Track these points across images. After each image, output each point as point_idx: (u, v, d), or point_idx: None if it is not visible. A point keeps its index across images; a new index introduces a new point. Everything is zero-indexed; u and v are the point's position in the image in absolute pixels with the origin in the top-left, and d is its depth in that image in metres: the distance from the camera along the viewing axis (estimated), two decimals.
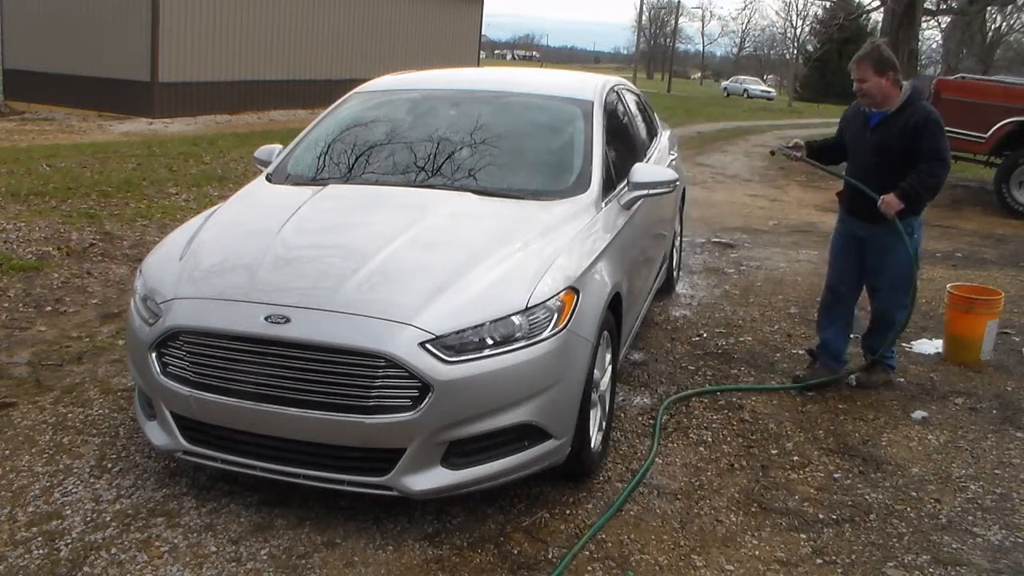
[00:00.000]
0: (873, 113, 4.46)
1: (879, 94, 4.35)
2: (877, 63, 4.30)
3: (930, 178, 4.29)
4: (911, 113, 4.33)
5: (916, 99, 4.39)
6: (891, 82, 4.33)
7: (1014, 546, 3.31)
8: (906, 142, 4.32)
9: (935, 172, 4.29)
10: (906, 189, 4.29)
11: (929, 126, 4.29)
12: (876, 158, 4.44)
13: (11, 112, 16.91)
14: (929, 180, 4.29)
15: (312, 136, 4.63)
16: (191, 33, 18.01)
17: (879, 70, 4.30)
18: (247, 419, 3.09)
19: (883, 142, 4.41)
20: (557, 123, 4.49)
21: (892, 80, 4.33)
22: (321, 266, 3.41)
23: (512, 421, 3.08)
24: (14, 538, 3.05)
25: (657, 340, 5.45)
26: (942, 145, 4.29)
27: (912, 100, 4.37)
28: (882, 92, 4.34)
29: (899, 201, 4.30)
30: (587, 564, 3.04)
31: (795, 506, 3.52)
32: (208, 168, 11.04)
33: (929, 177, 4.29)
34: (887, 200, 4.32)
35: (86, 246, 6.79)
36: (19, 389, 4.26)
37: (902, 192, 4.29)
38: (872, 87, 4.34)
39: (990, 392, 4.86)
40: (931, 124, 4.29)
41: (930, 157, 4.27)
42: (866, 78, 4.33)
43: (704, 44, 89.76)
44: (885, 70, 4.31)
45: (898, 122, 4.35)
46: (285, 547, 3.06)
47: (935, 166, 4.28)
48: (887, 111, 4.38)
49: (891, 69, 4.31)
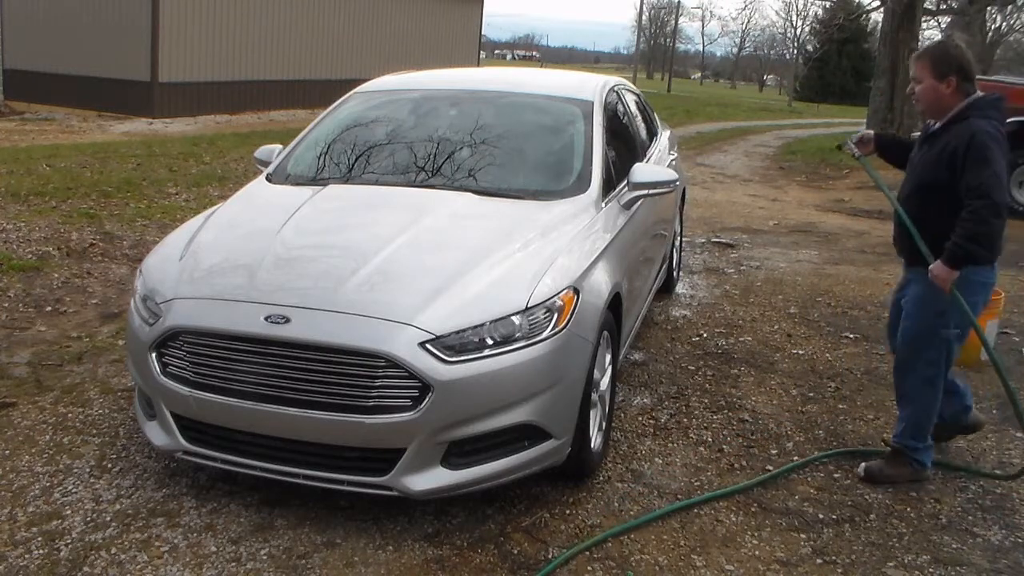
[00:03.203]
0: (930, 124, 3.57)
1: (930, 102, 3.47)
2: (936, 62, 3.42)
3: (975, 225, 3.24)
4: (954, 132, 3.36)
5: (970, 114, 3.36)
6: (954, 90, 3.40)
7: (1014, 546, 3.31)
8: (940, 170, 3.37)
9: (979, 217, 3.23)
10: (952, 251, 3.31)
11: (972, 151, 3.26)
12: (912, 184, 3.58)
13: (11, 112, 16.89)
14: (974, 228, 3.25)
15: (312, 136, 4.63)
16: (191, 33, 18.00)
17: (938, 72, 3.40)
18: (247, 419, 3.09)
19: (920, 165, 3.55)
20: (557, 123, 4.49)
21: (955, 88, 3.39)
22: (321, 266, 3.42)
23: (512, 421, 3.08)
24: (14, 538, 3.05)
25: (657, 340, 5.45)
26: (987, 178, 3.22)
27: (964, 115, 3.37)
28: (937, 100, 3.44)
29: (948, 270, 3.33)
30: (587, 564, 3.04)
31: (795, 506, 3.52)
32: (208, 168, 11.04)
33: (974, 224, 3.24)
34: (936, 273, 3.38)
35: (86, 246, 6.79)
36: (19, 389, 4.26)
37: (949, 256, 3.32)
38: (925, 91, 3.46)
39: (990, 392, 4.85)
40: (974, 149, 3.26)
41: (973, 193, 3.24)
42: (921, 78, 3.46)
43: (704, 44, 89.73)
44: (946, 73, 3.39)
45: (939, 142, 3.43)
46: (285, 547, 3.06)
47: (980, 208, 3.23)
48: (936, 125, 3.50)
49: (955, 73, 3.38)
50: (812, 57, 45.04)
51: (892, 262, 8.17)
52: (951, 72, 3.39)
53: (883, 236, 9.51)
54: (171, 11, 17.49)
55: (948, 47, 3.46)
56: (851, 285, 7.05)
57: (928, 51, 3.50)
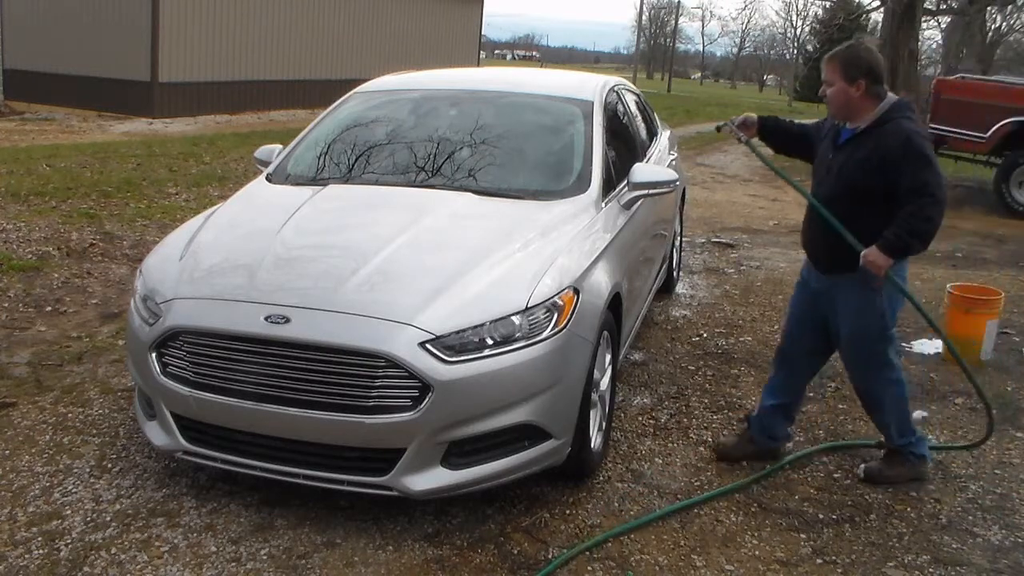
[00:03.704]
0: (844, 128, 3.56)
1: (840, 104, 3.46)
2: (845, 66, 3.41)
3: (920, 222, 3.28)
4: (882, 135, 3.37)
5: (895, 116, 3.40)
6: (862, 93, 3.41)
7: (1014, 546, 3.31)
8: (873, 174, 3.37)
9: (925, 213, 3.27)
10: (892, 241, 3.32)
11: (909, 154, 3.29)
12: (837, 188, 3.50)
13: (11, 112, 16.87)
14: (920, 225, 3.29)
15: (312, 136, 4.63)
16: (191, 33, 17.99)
17: (848, 75, 3.40)
18: (247, 419, 3.09)
19: (845, 168, 3.47)
20: (557, 123, 4.49)
21: (864, 91, 3.40)
22: (321, 266, 3.42)
23: (512, 421, 3.08)
24: (14, 538, 3.05)
25: (657, 340, 5.45)
26: (930, 176, 3.27)
27: (888, 117, 3.40)
28: (847, 103, 3.44)
29: (885, 257, 3.34)
30: (587, 564, 3.04)
31: (795, 506, 3.52)
32: (208, 168, 11.04)
33: (920, 222, 3.28)
34: (871, 259, 3.36)
35: (86, 246, 6.79)
36: (19, 389, 4.26)
37: (887, 244, 3.33)
38: (835, 94, 3.45)
39: (990, 392, 4.85)
40: (912, 151, 3.29)
41: (916, 194, 3.27)
42: (831, 81, 3.46)
43: (704, 44, 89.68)
44: (855, 76, 3.39)
45: (866, 145, 3.41)
46: (285, 547, 3.06)
47: (925, 205, 3.26)
48: (857, 128, 3.48)
49: (864, 76, 3.38)
50: (812, 57, 45.01)
51: None
52: (860, 75, 3.39)
53: None
54: (171, 11, 17.48)
55: (858, 50, 3.46)
56: None
57: (838, 54, 3.47)
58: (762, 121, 3.88)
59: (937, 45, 36.70)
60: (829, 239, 3.51)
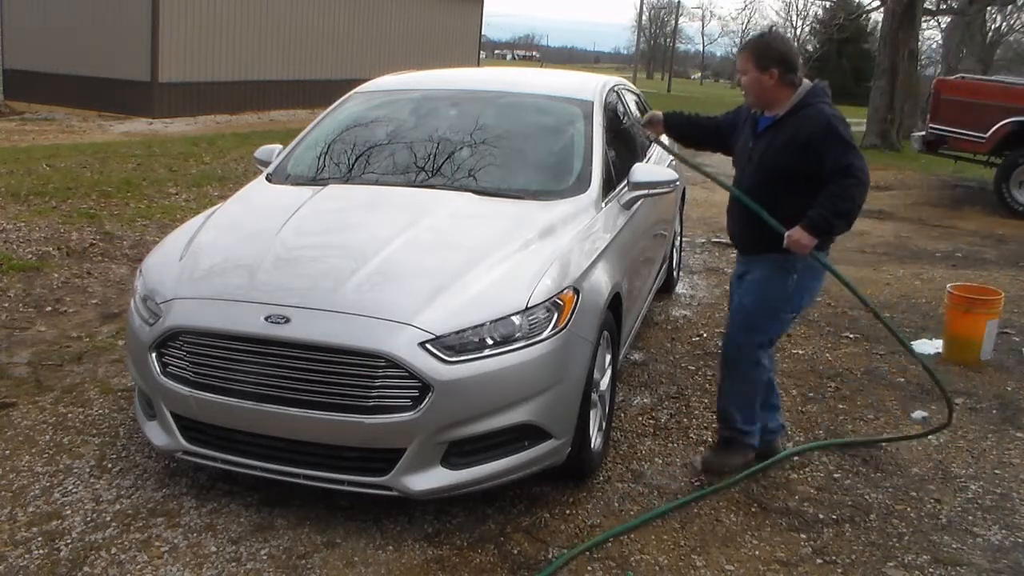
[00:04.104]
0: (762, 116, 3.62)
1: (756, 93, 3.52)
2: (758, 55, 3.47)
3: (842, 202, 3.33)
4: (802, 120, 3.42)
5: (813, 102, 3.46)
6: (776, 81, 3.46)
7: (1014, 546, 3.31)
8: (795, 158, 3.41)
9: (848, 193, 3.32)
10: (815, 220, 3.36)
11: (830, 137, 3.35)
12: (759, 175, 3.55)
13: (11, 112, 16.85)
14: (842, 204, 3.33)
15: (312, 136, 4.63)
16: (191, 33, 17.98)
17: (760, 64, 3.46)
18: (247, 419, 3.09)
19: (766, 155, 3.53)
20: (557, 123, 4.49)
21: (778, 79, 3.45)
22: (321, 266, 3.41)
23: (512, 421, 3.08)
24: (14, 538, 3.05)
25: (657, 340, 5.45)
26: (854, 158, 3.33)
27: (806, 103, 3.46)
28: (762, 91, 3.50)
29: (810, 236, 3.38)
30: (587, 564, 3.04)
31: (795, 506, 3.52)
32: (208, 168, 11.04)
33: (841, 201, 3.33)
34: (795, 239, 3.40)
35: (86, 246, 6.79)
36: (19, 389, 4.26)
37: (811, 223, 3.37)
38: (749, 83, 3.51)
39: (990, 392, 4.85)
40: (832, 134, 3.35)
41: (838, 175, 3.32)
42: (745, 70, 3.52)
43: (704, 44, 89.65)
44: (767, 65, 3.44)
45: (786, 130, 3.46)
46: (285, 547, 3.06)
47: (847, 186, 3.32)
48: (776, 115, 3.54)
49: (776, 65, 3.44)
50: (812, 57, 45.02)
51: (892, 262, 8.18)
52: (772, 64, 3.45)
53: (883, 236, 9.52)
54: (171, 11, 17.46)
55: (769, 40, 3.58)
56: None
57: (750, 44, 3.58)
58: (667, 117, 4.02)
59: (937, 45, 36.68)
60: (752, 224, 3.56)
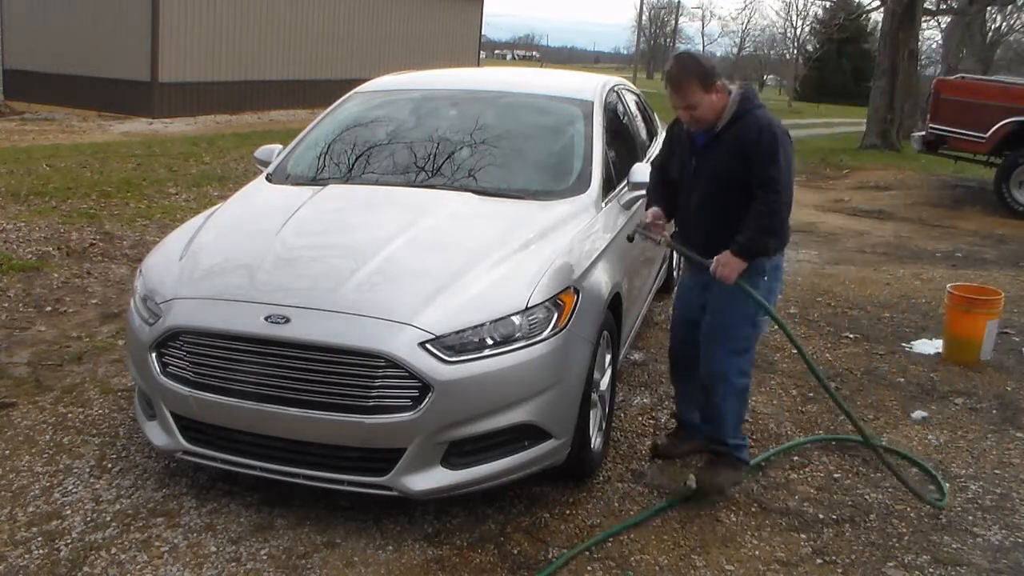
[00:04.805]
0: (697, 133, 3.45)
1: (716, 113, 3.34)
2: (701, 79, 3.28)
3: (766, 218, 3.23)
4: (740, 130, 3.30)
5: (748, 108, 3.33)
6: (720, 92, 3.33)
7: (1014, 546, 3.31)
8: (736, 163, 3.30)
9: (771, 209, 3.22)
10: (743, 243, 3.26)
11: (761, 143, 3.23)
12: (709, 189, 3.42)
13: (11, 112, 16.86)
14: (766, 221, 3.24)
15: (312, 136, 4.63)
16: (191, 33, 17.98)
17: (706, 85, 3.29)
18: (247, 419, 3.09)
19: (714, 169, 3.39)
20: (557, 123, 4.49)
21: (721, 90, 3.33)
22: (321, 266, 3.41)
23: (512, 421, 3.08)
24: (14, 538, 3.05)
25: (657, 340, 5.45)
26: (775, 170, 3.21)
27: (742, 111, 3.32)
28: (713, 111, 3.33)
29: (739, 260, 3.28)
30: (587, 564, 3.04)
31: (795, 506, 3.52)
32: (208, 168, 11.04)
33: (765, 217, 3.23)
34: (724, 263, 3.29)
35: (86, 246, 6.79)
36: (19, 389, 4.26)
37: (740, 248, 3.27)
38: (705, 110, 3.32)
39: (990, 392, 4.85)
40: (764, 141, 3.23)
41: (762, 189, 3.22)
42: (696, 102, 3.30)
43: (704, 44, 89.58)
44: (711, 82, 3.29)
45: (727, 142, 3.34)
46: (285, 547, 3.06)
47: (770, 201, 3.22)
48: (715, 129, 3.37)
49: (715, 77, 3.31)
50: (812, 57, 45.01)
51: (892, 262, 8.18)
52: (712, 78, 3.30)
53: (883, 236, 9.52)
54: (171, 11, 17.47)
55: (696, 59, 3.42)
56: (851, 285, 7.05)
57: (684, 72, 3.31)
58: (663, 207, 3.65)
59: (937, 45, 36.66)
60: (713, 233, 3.40)
